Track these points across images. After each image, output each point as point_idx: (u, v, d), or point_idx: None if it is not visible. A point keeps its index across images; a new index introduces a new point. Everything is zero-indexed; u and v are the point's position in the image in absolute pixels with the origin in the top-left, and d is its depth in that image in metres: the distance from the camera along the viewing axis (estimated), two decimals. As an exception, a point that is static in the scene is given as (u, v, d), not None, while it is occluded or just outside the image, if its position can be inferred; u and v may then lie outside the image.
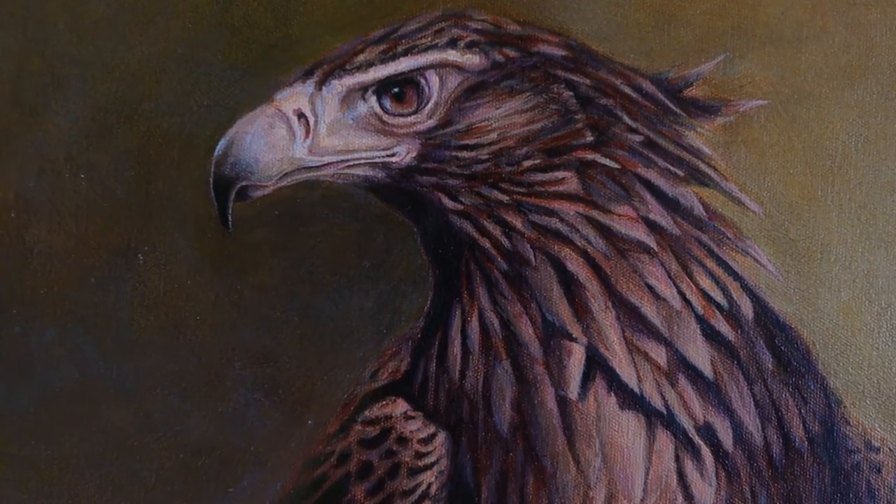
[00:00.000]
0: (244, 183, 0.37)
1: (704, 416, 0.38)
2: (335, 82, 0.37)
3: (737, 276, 0.38)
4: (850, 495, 0.38)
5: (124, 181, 0.37)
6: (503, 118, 0.38)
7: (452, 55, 0.38)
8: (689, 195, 0.38)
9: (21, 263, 0.37)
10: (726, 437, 0.38)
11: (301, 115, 0.37)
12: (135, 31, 0.37)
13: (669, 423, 0.38)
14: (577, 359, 0.37)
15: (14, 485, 0.37)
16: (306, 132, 0.37)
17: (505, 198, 0.37)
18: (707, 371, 0.37)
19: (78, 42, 0.37)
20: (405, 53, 0.38)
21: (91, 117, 0.37)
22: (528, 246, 0.37)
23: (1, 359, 0.37)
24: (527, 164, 0.38)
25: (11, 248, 0.37)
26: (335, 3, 0.38)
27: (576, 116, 0.38)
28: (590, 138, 0.38)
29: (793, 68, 0.38)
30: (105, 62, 0.37)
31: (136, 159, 0.38)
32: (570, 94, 0.38)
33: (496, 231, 0.37)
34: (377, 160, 0.38)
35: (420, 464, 0.38)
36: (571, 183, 0.38)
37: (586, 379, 0.37)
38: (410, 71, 0.38)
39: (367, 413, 0.38)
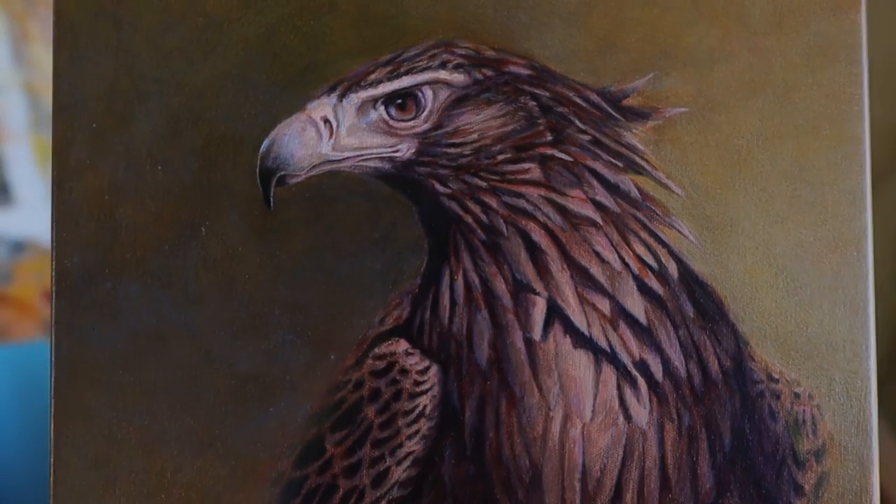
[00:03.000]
0: (282, 173, 0.40)
1: (640, 354, 0.41)
2: (353, 95, 0.41)
3: (665, 244, 0.41)
4: (755, 416, 0.40)
5: (191, 172, 0.40)
6: (482, 122, 0.41)
7: (443, 74, 0.41)
8: (626, 181, 0.41)
9: (112, 235, 0.40)
10: (657, 370, 0.40)
11: (326, 121, 0.41)
12: (200, 57, 0.40)
13: (612, 359, 0.40)
14: (539, 309, 0.40)
15: (106, 405, 0.40)
16: (330, 134, 0.41)
17: (483, 184, 0.41)
18: (642, 318, 0.41)
19: (156, 66, 0.40)
20: (406, 73, 0.41)
21: (166, 123, 0.40)
22: (502, 221, 0.40)
23: (96, 308, 0.40)
24: (500, 157, 0.41)
25: (105, 223, 0.40)
26: (353, 35, 0.41)
27: (538, 121, 0.41)
28: (549, 138, 0.41)
29: (707, 83, 0.41)
30: (177, 81, 0.40)
31: (200, 155, 0.40)
32: (534, 103, 0.41)
33: (477, 209, 0.41)
34: (384, 155, 0.41)
35: (418, 390, 0.41)
36: (535, 172, 0.41)
37: (547, 324, 0.40)
38: (410, 86, 0.41)
39: (376, 350, 0.41)
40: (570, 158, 0.42)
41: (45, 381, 1.32)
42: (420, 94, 0.42)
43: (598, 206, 0.42)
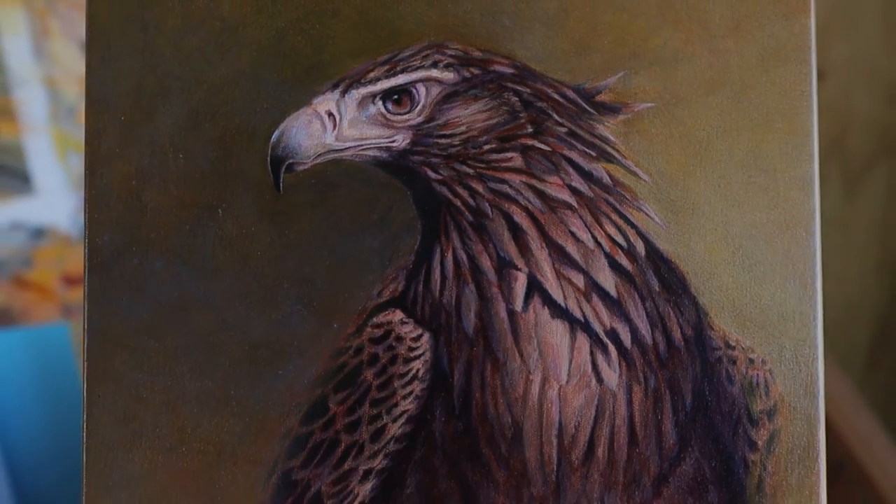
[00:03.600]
0: (291, 161, 0.42)
1: (610, 323, 0.42)
2: (354, 92, 0.42)
3: (633, 225, 0.43)
4: (714, 379, 0.42)
5: (209, 160, 0.42)
6: (470, 116, 0.43)
7: (435, 73, 0.43)
8: (599, 169, 0.43)
9: (138, 216, 0.42)
10: (626, 338, 0.42)
11: (330, 115, 0.42)
12: (217, 57, 0.42)
13: (586, 328, 0.42)
14: (521, 283, 0.42)
15: (133, 367, 0.42)
16: (333, 126, 0.42)
17: (471, 171, 0.42)
18: (612, 292, 0.42)
19: (178, 65, 0.42)
20: (402, 71, 0.43)
21: (187, 116, 0.42)
22: (487, 204, 0.42)
23: (124, 281, 0.42)
24: (486, 147, 0.43)
25: (132, 205, 0.42)
26: (354, 38, 0.43)
27: (520, 115, 0.43)
28: (530, 130, 0.43)
29: (671, 81, 0.42)
30: (197, 79, 0.42)
31: (218, 145, 0.42)
32: (516, 99, 0.43)
33: (465, 194, 0.42)
34: (382, 145, 0.43)
35: (412, 355, 0.43)
36: (517, 161, 0.43)
37: (527, 297, 0.42)
38: (405, 84, 0.43)
39: (374, 319, 0.43)
40: (548, 148, 0.43)
41: (63, 361, 1.32)
42: (414, 91, 0.44)
43: (574, 191, 0.43)
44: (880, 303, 1.61)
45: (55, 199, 1.31)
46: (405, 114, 0.44)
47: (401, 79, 0.43)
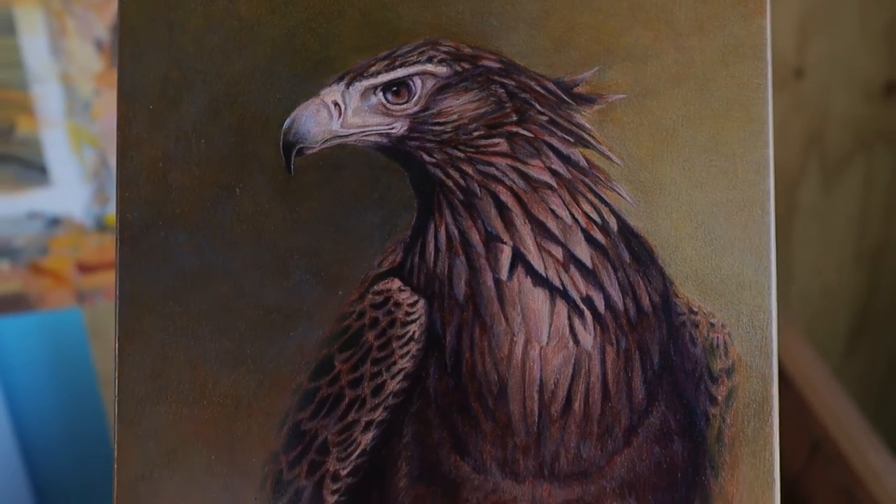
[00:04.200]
0: (301, 145, 0.44)
1: (586, 291, 0.45)
2: (357, 84, 0.45)
3: (606, 204, 0.45)
4: (679, 341, 0.45)
5: (228, 144, 0.44)
6: (461, 106, 0.45)
7: (429, 67, 0.45)
8: (576, 153, 0.45)
9: (164, 194, 0.44)
10: (600, 304, 0.45)
11: (336, 104, 0.44)
12: (235, 53, 0.44)
13: (564, 295, 0.45)
14: (506, 255, 0.45)
15: (160, 329, 0.44)
16: (339, 114, 0.44)
17: (461, 155, 0.45)
18: (588, 263, 0.45)
19: (200, 60, 0.43)
20: (400, 66, 0.45)
21: (208, 106, 0.44)
22: (476, 184, 0.44)
23: (152, 252, 0.44)
24: (475, 134, 0.45)
25: (159, 184, 0.44)
26: (357, 36, 0.44)
27: (506, 105, 0.45)
28: (514, 118, 0.45)
29: (641, 75, 0.44)
30: (217, 72, 0.44)
31: (235, 131, 0.44)
32: (503, 90, 0.45)
33: (456, 175, 0.45)
34: (382, 132, 0.45)
35: (408, 319, 0.45)
36: (503, 146, 0.45)
37: (512, 267, 0.45)
38: (403, 77, 0.45)
39: (375, 287, 0.45)
40: (531, 135, 0.46)
41: (76, 345, 1.33)
42: (411, 83, 0.46)
43: (554, 173, 0.46)
44: (858, 292, 1.62)
45: (70, 190, 1.32)
46: (403, 104, 0.46)
47: (399, 72, 0.46)
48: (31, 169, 1.30)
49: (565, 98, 0.46)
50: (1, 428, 1.49)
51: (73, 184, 1.31)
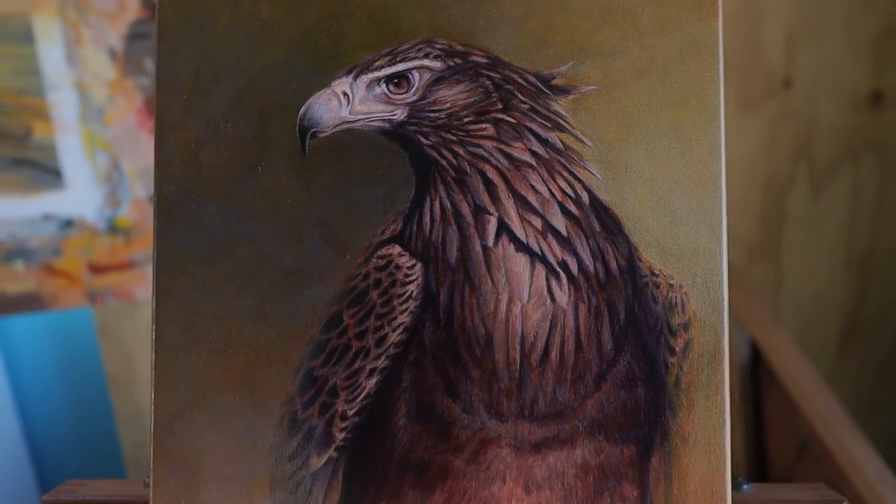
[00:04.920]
0: (314, 130, 0.49)
1: (562, 256, 0.49)
2: (363, 76, 0.49)
3: (579, 180, 0.49)
4: (642, 299, 0.49)
5: (251, 128, 0.48)
6: (453, 96, 0.50)
7: (426, 62, 0.50)
8: (553, 137, 0.49)
9: (196, 171, 0.48)
10: (574, 268, 0.49)
11: (345, 94, 0.49)
12: (257, 50, 0.48)
13: (542, 259, 0.49)
14: (492, 224, 0.49)
15: (191, 288, 0.48)
16: (347, 103, 0.49)
17: (454, 138, 0.49)
18: (563, 231, 0.49)
19: (227, 56, 0.48)
20: (401, 61, 0.49)
21: (234, 95, 0.48)
22: (466, 164, 0.49)
23: (184, 221, 0.48)
24: (466, 120, 0.49)
25: (191, 163, 0.48)
26: (363, 35, 0.49)
27: (492, 94, 0.50)
28: (500, 106, 0.50)
29: (610, 69, 0.49)
30: (242, 66, 0.48)
31: (258, 117, 0.48)
32: (489, 82, 0.50)
33: (449, 155, 0.49)
34: (385, 118, 0.49)
35: (407, 279, 0.50)
36: (490, 130, 0.50)
37: (497, 235, 0.49)
38: (404, 70, 0.49)
39: (378, 252, 0.49)
40: (514, 121, 0.51)
41: (86, 344, 1.34)
42: (410, 76, 0.51)
43: (534, 154, 0.51)
44: (848, 297, 1.63)
45: (83, 193, 1.34)
46: (403, 94, 0.51)
47: (400, 66, 0.50)
48: (46, 172, 1.33)
49: (544, 89, 0.51)
50: (10, 427, 1.51)
51: (86, 187, 1.34)
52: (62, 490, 0.56)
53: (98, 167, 1.35)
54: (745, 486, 0.57)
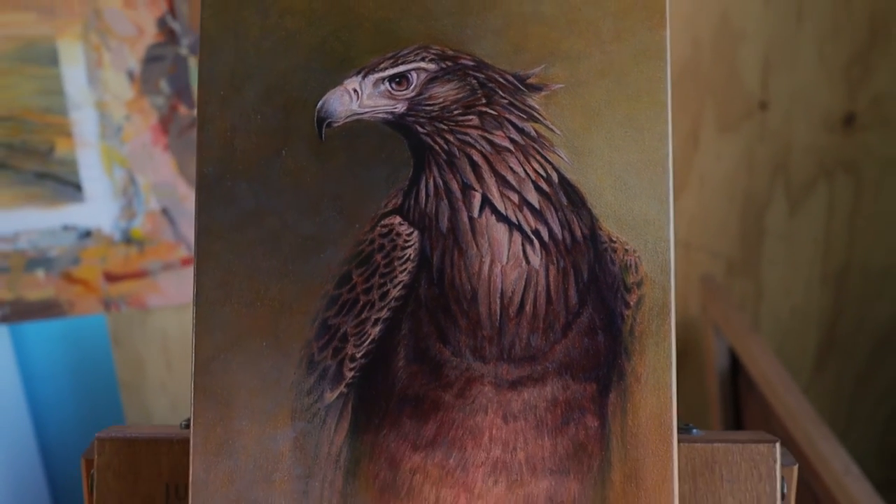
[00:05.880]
0: (329, 121, 0.54)
1: (535, 225, 0.55)
2: (370, 76, 0.55)
3: (550, 162, 0.55)
4: (602, 262, 0.55)
5: (277, 119, 0.53)
6: (445, 92, 0.55)
7: (423, 64, 0.55)
8: (528, 127, 0.55)
9: (231, 155, 0.53)
10: (545, 235, 0.55)
11: (355, 91, 0.54)
12: (282, 54, 0.54)
13: (519, 228, 0.55)
14: (477, 199, 0.55)
15: (226, 251, 0.53)
16: (357, 98, 0.54)
17: (445, 127, 0.55)
18: (536, 205, 0.55)
19: (257, 59, 0.53)
20: (401, 63, 0.55)
21: (263, 92, 0.53)
22: (455, 149, 0.55)
23: (221, 196, 0.53)
24: (455, 112, 0.55)
25: (227, 148, 0.54)
26: (371, 42, 0.54)
27: (477, 91, 0.55)
28: (483, 101, 0.55)
29: (575, 71, 0.54)
30: (269, 68, 0.53)
31: (283, 110, 0.54)
32: (475, 81, 0.55)
33: (441, 142, 0.55)
34: (388, 111, 0.55)
35: (406, 244, 0.55)
36: (475, 121, 0.55)
37: (481, 208, 0.55)
38: (404, 71, 0.55)
39: (382, 222, 0.55)
40: (495, 113, 0.57)
41: (100, 350, 1.41)
42: (409, 76, 0.57)
43: (512, 141, 0.57)
44: (825, 311, 1.72)
45: (101, 206, 1.44)
46: (403, 90, 0.57)
47: (401, 68, 0.57)
48: (67, 186, 1.42)
49: (520, 87, 0.57)
50: (24, 432, 1.58)
51: (104, 200, 1.43)
52: (113, 429, 0.65)
53: (115, 181, 1.43)
54: (693, 431, 0.66)
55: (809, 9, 1.56)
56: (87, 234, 1.47)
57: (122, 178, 1.46)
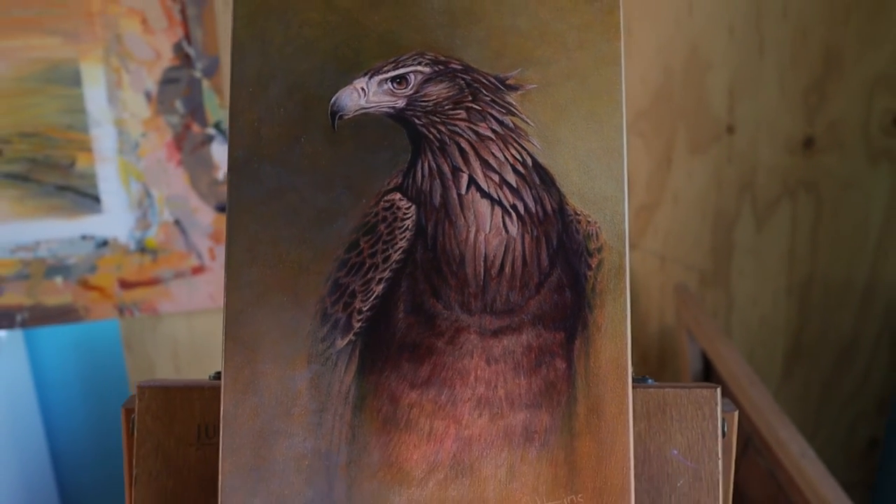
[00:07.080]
0: (340, 114, 0.60)
1: (513, 201, 0.61)
2: (375, 77, 0.61)
3: (525, 149, 0.60)
4: (569, 231, 0.61)
5: (297, 111, 0.59)
6: (437, 91, 0.61)
7: (419, 67, 0.61)
8: (507, 119, 0.61)
9: (258, 141, 0.60)
10: (521, 209, 0.61)
11: (363, 89, 0.60)
12: (302, 58, 0.59)
13: (499, 203, 0.61)
14: (464, 179, 0.61)
15: (253, 221, 0.58)
16: (364, 95, 0.60)
17: (438, 120, 0.61)
18: (514, 184, 0.61)
19: (281, 62, 0.59)
20: (401, 66, 0.61)
21: (286, 89, 0.59)
22: (447, 137, 0.60)
23: (249, 176, 0.59)
24: (446, 107, 0.61)
25: (254, 136, 0.60)
26: (376, 49, 0.60)
27: (465, 90, 0.61)
28: (470, 98, 0.61)
29: (546, 74, 0.61)
30: (291, 70, 0.60)
31: (302, 104, 0.60)
32: (463, 82, 0.61)
33: (434, 132, 0.60)
34: (390, 106, 0.60)
35: (405, 217, 0.61)
36: (463, 115, 0.61)
37: (468, 187, 0.61)
38: (403, 73, 0.61)
39: (385, 197, 0.61)
40: (480, 108, 0.64)
41: (112, 354, 1.51)
42: (408, 77, 0.64)
43: (493, 131, 0.64)
44: (791, 321, 1.82)
45: (118, 217, 1.52)
46: (403, 89, 0.64)
47: (401, 70, 0.64)
48: (86, 198, 1.51)
49: (500, 87, 0.64)
50: (36, 437, 1.65)
51: (121, 211, 1.52)
52: (151, 380, 0.76)
53: (131, 194, 1.52)
54: (649, 380, 0.77)
55: (770, 41, 1.65)
56: (104, 243, 1.54)
57: (138, 191, 1.54)
